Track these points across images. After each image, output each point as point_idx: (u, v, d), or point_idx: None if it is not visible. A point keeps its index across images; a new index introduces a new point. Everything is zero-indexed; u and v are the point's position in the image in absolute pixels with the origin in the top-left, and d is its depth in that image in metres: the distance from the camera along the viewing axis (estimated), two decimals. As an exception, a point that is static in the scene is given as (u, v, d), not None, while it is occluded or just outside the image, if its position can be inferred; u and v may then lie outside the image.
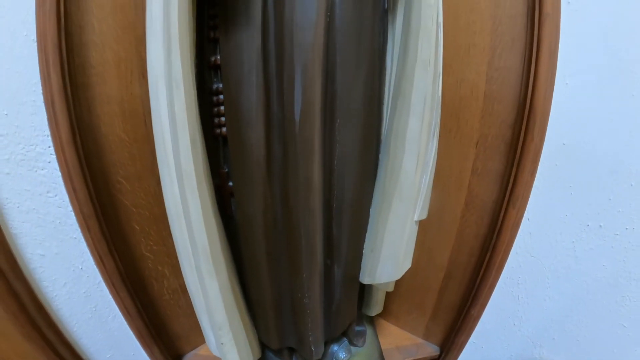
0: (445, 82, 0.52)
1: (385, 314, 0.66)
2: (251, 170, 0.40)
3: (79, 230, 0.54)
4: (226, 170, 0.44)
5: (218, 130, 0.42)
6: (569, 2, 0.51)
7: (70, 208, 0.53)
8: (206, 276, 0.41)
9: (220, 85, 0.40)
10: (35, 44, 0.49)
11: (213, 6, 0.40)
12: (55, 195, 0.54)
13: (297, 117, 0.38)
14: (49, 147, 0.52)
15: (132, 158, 0.52)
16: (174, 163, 0.37)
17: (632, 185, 0.53)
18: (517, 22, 0.49)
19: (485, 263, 0.55)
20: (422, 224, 0.52)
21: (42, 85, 0.46)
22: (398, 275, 0.49)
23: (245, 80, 0.38)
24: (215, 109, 0.41)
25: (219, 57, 0.40)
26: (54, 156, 0.51)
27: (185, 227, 0.39)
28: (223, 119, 0.41)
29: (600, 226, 0.55)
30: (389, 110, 0.46)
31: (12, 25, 0.51)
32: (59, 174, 0.51)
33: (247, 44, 0.37)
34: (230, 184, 0.44)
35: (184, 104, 0.35)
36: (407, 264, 0.49)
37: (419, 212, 0.45)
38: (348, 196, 0.45)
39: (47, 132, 0.51)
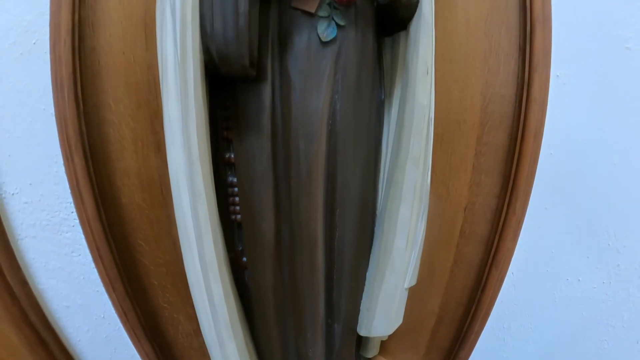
0: (436, 152, 0.59)
1: (382, 351, 0.76)
2: (263, 253, 0.49)
3: (101, 284, 0.62)
4: (240, 248, 0.52)
5: (233, 217, 0.50)
6: (557, 76, 0.59)
7: (93, 265, 0.61)
8: (226, 340, 0.50)
9: (235, 180, 0.48)
10: (54, 117, 0.55)
11: (225, 109, 0.47)
12: (79, 255, 0.62)
13: (303, 212, 0.46)
14: (72, 212, 0.60)
15: (150, 223, 0.60)
16: (198, 255, 0.45)
17: (609, 245, 0.61)
18: (506, 102, 0.56)
19: (471, 313, 0.64)
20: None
21: (65, 166, 0.54)
22: (390, 331, 0.57)
23: (258, 181, 0.45)
24: (231, 199, 0.49)
25: (232, 156, 0.47)
26: (77, 221, 0.59)
27: (208, 303, 0.47)
28: (238, 207, 0.49)
29: (579, 280, 0.64)
30: (383, 194, 0.53)
31: (31, 100, 0.58)
32: (82, 236, 0.59)
33: (258, 151, 0.45)
34: (244, 259, 0.52)
35: (206, 212, 0.43)
36: (398, 322, 0.57)
37: (409, 280, 0.54)
38: (347, 269, 0.53)
39: (70, 199, 0.58)
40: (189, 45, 0.42)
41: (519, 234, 0.58)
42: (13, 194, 0.59)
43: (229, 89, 0.46)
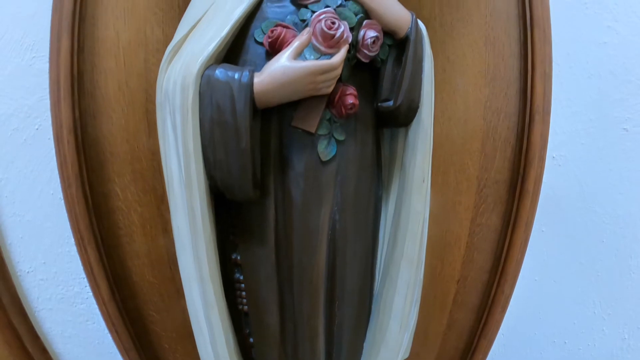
0: (431, 231, 0.63)
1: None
2: (269, 340, 0.55)
3: (115, 347, 0.69)
4: (247, 331, 0.57)
5: (240, 307, 0.55)
6: (553, 157, 0.62)
7: (107, 331, 0.68)
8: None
9: (241, 277, 0.53)
10: (62, 202, 0.60)
11: (230, 216, 0.51)
12: (94, 323, 0.69)
13: (305, 310, 0.52)
14: (86, 286, 0.66)
15: (161, 296, 0.66)
16: (212, 348, 0.51)
17: (595, 313, 0.67)
18: (501, 187, 0.60)
19: (463, 371, 0.71)
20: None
21: (79, 254, 0.59)
22: (386, 395, 0.65)
23: (263, 285, 0.51)
24: (238, 292, 0.54)
25: (239, 257, 0.52)
26: (91, 293, 0.65)
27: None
28: (245, 300, 0.54)
29: (565, 342, 0.70)
30: (379, 281, 0.58)
31: (39, 185, 0.63)
32: (96, 306, 0.65)
33: (263, 260, 0.50)
34: (251, 339, 0.58)
35: (219, 321, 0.48)
36: (394, 387, 0.64)
37: (402, 355, 0.60)
38: (345, 347, 0.59)
39: (83, 275, 0.64)
40: (193, 172, 0.46)
41: (507, 307, 0.64)
42: (28, 272, 0.64)
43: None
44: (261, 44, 0.47)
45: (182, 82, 0.45)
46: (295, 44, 0.44)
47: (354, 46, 0.48)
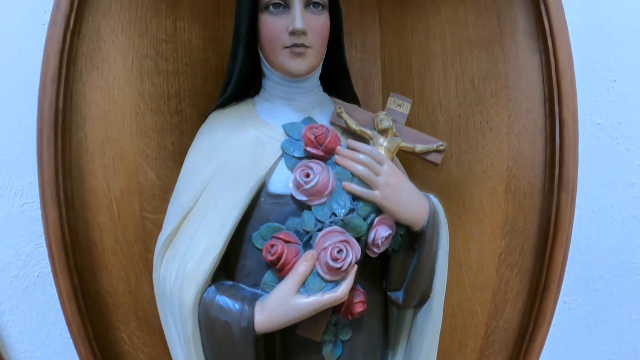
0: (439, 361, 0.65)
1: None
2: None
3: None
4: None
5: None
6: (565, 301, 0.61)
7: None
8: None
9: None
10: (71, 340, 0.60)
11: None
12: None
13: None
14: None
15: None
16: None
17: None
18: (508, 335, 0.60)
19: None
20: None
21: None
22: None
23: None
24: None
25: None
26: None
27: None
28: None
29: None
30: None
31: (46, 326, 0.65)
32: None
33: None
34: None
35: None
36: None
37: None
38: None
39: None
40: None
41: None
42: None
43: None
44: (260, 250, 0.44)
45: (179, 305, 0.44)
46: (299, 272, 0.42)
47: (363, 248, 0.45)
